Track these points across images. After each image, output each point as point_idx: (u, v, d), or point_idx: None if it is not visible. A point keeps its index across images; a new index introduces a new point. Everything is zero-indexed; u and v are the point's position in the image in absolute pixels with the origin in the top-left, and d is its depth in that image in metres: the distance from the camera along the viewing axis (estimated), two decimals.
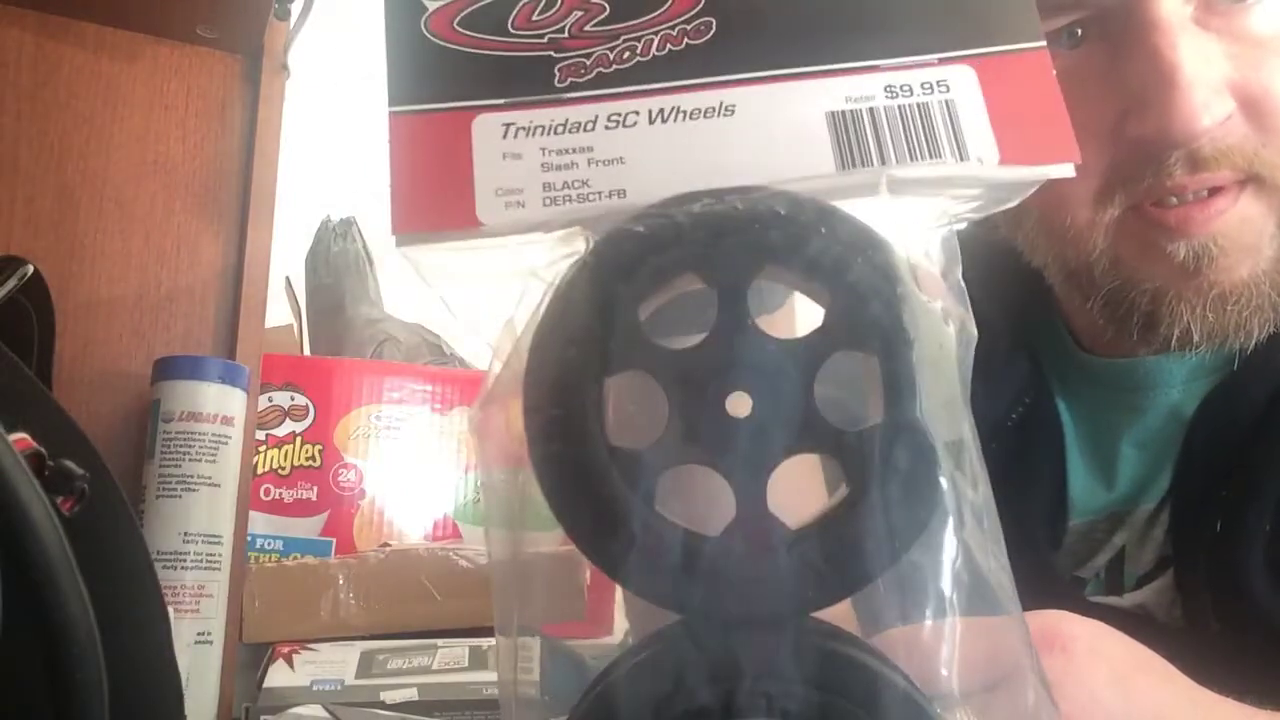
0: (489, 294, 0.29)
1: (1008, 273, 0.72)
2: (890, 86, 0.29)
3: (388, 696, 0.76)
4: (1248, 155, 0.55)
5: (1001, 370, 0.69)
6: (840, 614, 0.27)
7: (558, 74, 0.29)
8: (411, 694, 0.76)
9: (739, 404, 0.26)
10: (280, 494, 1.07)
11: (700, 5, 0.30)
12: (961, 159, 0.28)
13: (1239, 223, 0.56)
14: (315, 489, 1.08)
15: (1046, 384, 0.69)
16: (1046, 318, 0.72)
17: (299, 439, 1.09)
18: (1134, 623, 0.59)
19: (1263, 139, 0.56)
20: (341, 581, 0.90)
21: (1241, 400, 0.61)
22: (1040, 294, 0.72)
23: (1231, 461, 0.60)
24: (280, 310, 1.28)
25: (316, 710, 0.73)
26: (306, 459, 1.09)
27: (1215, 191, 0.56)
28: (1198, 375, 0.63)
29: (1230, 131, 0.55)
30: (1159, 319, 0.58)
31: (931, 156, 0.28)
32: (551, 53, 0.29)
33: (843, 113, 0.29)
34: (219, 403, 0.76)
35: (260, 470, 1.05)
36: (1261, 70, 0.55)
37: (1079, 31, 0.58)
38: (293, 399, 1.09)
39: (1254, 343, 0.58)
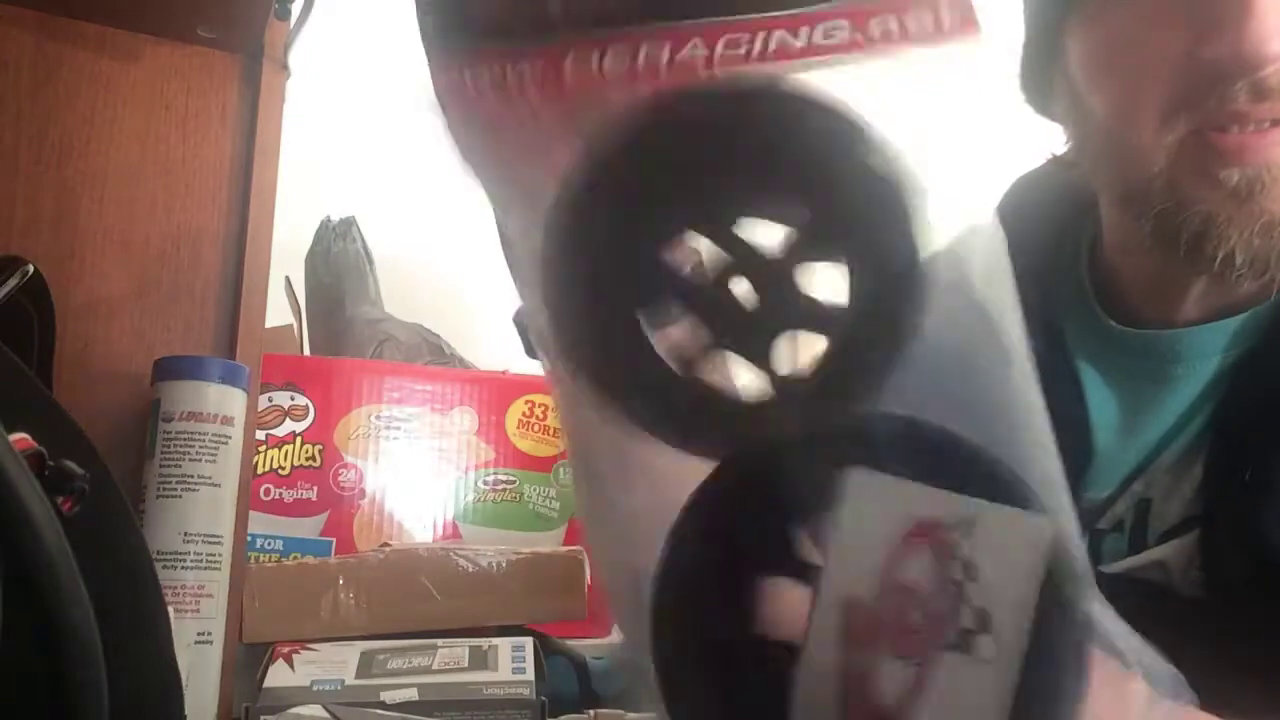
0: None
1: (1035, 238, 0.72)
2: None
3: (388, 696, 0.76)
4: None
5: None
6: None
7: None
8: (411, 694, 0.76)
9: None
10: (280, 494, 1.07)
11: None
12: None
13: None
14: (315, 489, 1.08)
15: (1066, 353, 0.70)
16: (1075, 289, 0.73)
17: (299, 439, 1.09)
18: (1148, 592, 0.60)
19: None
20: (341, 581, 0.90)
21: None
22: (1066, 267, 0.73)
23: (1266, 420, 0.62)
24: (280, 310, 1.28)
25: (316, 710, 0.73)
26: (306, 459, 1.09)
27: (1275, 124, 0.58)
28: (1237, 342, 0.65)
29: None
30: (1206, 239, 0.60)
31: None
32: None
33: None
34: (219, 403, 0.76)
35: (260, 470, 1.05)
36: None
37: None
38: (293, 399, 1.09)
39: None
